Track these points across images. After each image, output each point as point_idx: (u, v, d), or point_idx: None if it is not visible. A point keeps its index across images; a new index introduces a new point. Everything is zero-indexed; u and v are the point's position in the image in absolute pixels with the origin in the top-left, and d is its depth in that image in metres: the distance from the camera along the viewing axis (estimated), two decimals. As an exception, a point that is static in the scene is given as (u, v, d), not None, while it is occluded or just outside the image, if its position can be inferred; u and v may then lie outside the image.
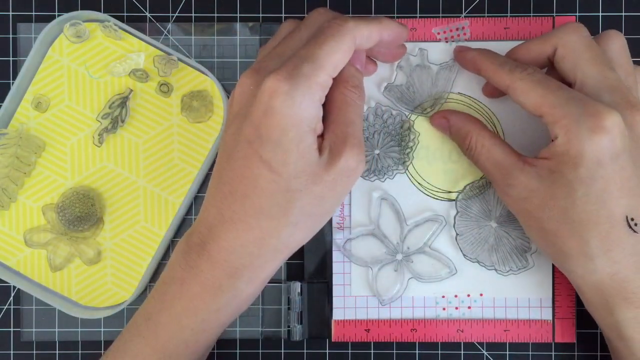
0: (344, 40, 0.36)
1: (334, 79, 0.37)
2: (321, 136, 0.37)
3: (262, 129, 0.35)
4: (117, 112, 0.45)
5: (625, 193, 0.36)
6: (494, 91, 0.44)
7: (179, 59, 0.45)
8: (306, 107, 0.35)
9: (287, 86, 0.34)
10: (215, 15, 0.47)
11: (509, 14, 0.46)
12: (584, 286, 0.39)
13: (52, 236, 0.45)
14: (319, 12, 0.38)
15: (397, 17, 0.46)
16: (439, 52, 0.45)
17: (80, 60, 0.45)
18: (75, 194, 0.44)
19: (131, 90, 0.45)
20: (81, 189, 0.45)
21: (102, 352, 0.46)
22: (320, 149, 0.36)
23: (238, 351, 0.46)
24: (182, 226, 0.46)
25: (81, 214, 0.44)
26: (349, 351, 0.46)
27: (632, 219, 0.36)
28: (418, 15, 0.46)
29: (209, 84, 0.45)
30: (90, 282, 0.45)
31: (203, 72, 0.45)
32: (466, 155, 0.42)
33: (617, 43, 0.40)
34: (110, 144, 0.46)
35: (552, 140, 0.37)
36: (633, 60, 0.40)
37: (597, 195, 0.36)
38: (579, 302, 0.45)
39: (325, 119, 0.37)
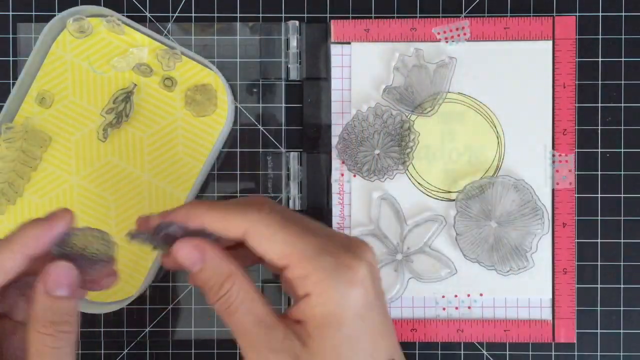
0: None
1: (28, 314, 0.31)
2: None
3: None
4: (121, 107, 0.45)
5: (384, 336, 0.33)
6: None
7: (183, 53, 0.45)
8: None
9: None
10: (215, 15, 0.47)
11: (509, 14, 0.46)
12: None
13: None
14: None
15: (397, 17, 0.46)
16: (434, 50, 0.45)
17: (83, 56, 0.45)
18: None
19: (135, 85, 0.45)
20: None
21: (102, 352, 0.46)
22: None
23: (238, 351, 0.46)
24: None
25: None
26: (349, 351, 0.46)
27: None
28: (418, 15, 0.46)
29: (213, 77, 0.45)
30: (92, 281, 0.45)
31: (206, 66, 0.45)
32: (215, 304, 0.32)
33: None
34: (115, 139, 0.46)
35: (298, 299, 0.32)
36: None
37: (363, 349, 0.32)
38: (579, 302, 0.46)
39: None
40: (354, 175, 0.45)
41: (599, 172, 0.46)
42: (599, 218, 0.46)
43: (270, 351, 0.31)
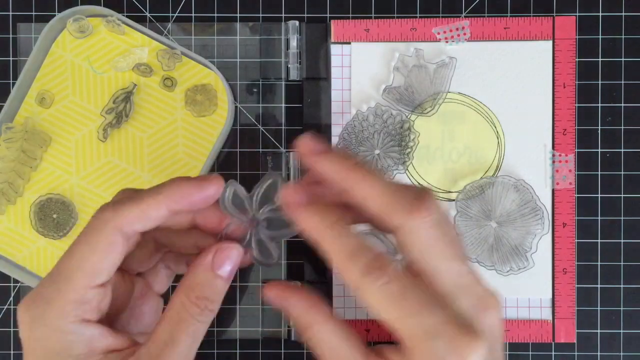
0: (100, 236, 0.30)
1: (182, 280, 0.32)
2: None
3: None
4: (121, 107, 0.45)
5: None
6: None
7: (183, 53, 0.45)
8: (52, 334, 0.30)
9: (28, 315, 0.30)
10: (215, 15, 0.47)
11: (509, 14, 0.46)
12: None
13: None
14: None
15: (397, 17, 0.46)
16: (434, 50, 0.45)
17: (83, 56, 0.46)
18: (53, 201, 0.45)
19: (135, 85, 0.45)
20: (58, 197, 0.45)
21: (102, 352, 0.46)
22: None
23: (238, 351, 0.46)
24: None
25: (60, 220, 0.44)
26: (349, 351, 0.46)
27: None
28: (418, 15, 0.46)
29: (213, 77, 0.45)
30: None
31: (207, 66, 0.45)
32: (307, 344, 0.34)
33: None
34: (115, 139, 0.46)
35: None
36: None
37: None
38: (579, 302, 0.46)
39: (158, 321, 0.32)
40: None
41: (599, 172, 0.46)
42: (599, 218, 0.46)
43: None
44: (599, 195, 0.46)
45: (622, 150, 0.46)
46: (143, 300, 0.35)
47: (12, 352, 0.46)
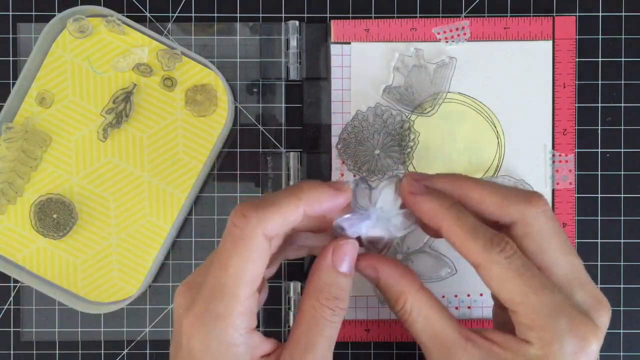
0: (251, 245, 0.31)
1: (307, 284, 0.33)
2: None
3: None
4: (121, 107, 0.45)
5: None
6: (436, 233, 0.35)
7: (183, 53, 0.45)
8: (226, 347, 0.31)
9: (202, 330, 0.31)
10: (215, 15, 0.47)
11: (509, 14, 0.46)
12: None
13: None
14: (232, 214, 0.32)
15: (397, 17, 0.46)
16: (434, 50, 0.45)
17: (83, 56, 0.46)
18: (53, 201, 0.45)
19: (135, 85, 0.45)
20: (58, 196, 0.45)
21: (102, 352, 0.46)
22: None
23: (238, 351, 0.46)
24: (187, 221, 0.46)
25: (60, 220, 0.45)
26: (349, 351, 0.46)
27: None
28: (418, 15, 0.46)
29: (213, 77, 0.45)
30: (96, 278, 0.45)
31: (207, 66, 0.45)
32: (398, 317, 0.35)
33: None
34: (115, 139, 0.46)
35: (515, 334, 0.32)
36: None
37: None
38: (579, 302, 0.46)
39: (293, 326, 0.33)
40: (354, 175, 0.45)
41: (599, 172, 0.46)
42: (599, 218, 0.46)
43: None
44: (599, 195, 0.46)
45: (622, 150, 0.46)
46: (261, 289, 0.35)
47: (12, 352, 0.46)
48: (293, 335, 0.33)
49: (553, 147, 0.45)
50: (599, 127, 0.46)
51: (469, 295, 0.45)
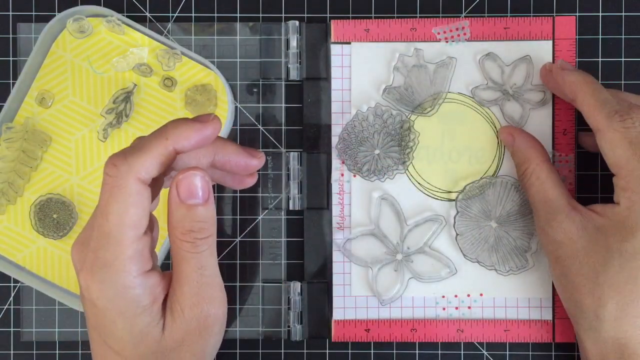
0: (126, 191, 0.32)
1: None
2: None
3: (96, 320, 0.34)
4: (121, 107, 0.45)
5: None
6: (592, 146, 0.42)
7: (183, 53, 0.45)
8: (123, 291, 0.32)
9: (96, 279, 0.32)
10: (215, 15, 0.47)
11: (509, 14, 0.46)
12: (586, 340, 0.39)
13: None
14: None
15: (397, 17, 0.46)
16: (434, 50, 0.45)
17: (83, 56, 0.46)
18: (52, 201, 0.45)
19: (135, 85, 0.45)
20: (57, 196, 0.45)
21: (102, 352, 0.46)
22: (164, 315, 0.34)
23: (238, 351, 0.46)
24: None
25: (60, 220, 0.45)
26: (349, 351, 0.46)
27: None
28: (418, 15, 0.46)
29: (213, 77, 0.45)
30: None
31: (207, 66, 0.45)
32: (519, 178, 0.42)
33: None
34: (115, 139, 0.46)
35: (614, 201, 0.37)
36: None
37: (630, 270, 0.36)
38: (579, 302, 0.46)
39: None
40: (354, 175, 0.45)
41: (599, 172, 0.46)
42: (599, 218, 0.46)
43: (546, 223, 0.39)
44: (599, 195, 0.46)
45: (622, 150, 0.46)
46: (152, 228, 0.36)
47: (12, 352, 0.46)
48: (172, 270, 0.34)
49: (553, 147, 0.45)
50: (599, 127, 0.46)
51: (469, 295, 0.45)
